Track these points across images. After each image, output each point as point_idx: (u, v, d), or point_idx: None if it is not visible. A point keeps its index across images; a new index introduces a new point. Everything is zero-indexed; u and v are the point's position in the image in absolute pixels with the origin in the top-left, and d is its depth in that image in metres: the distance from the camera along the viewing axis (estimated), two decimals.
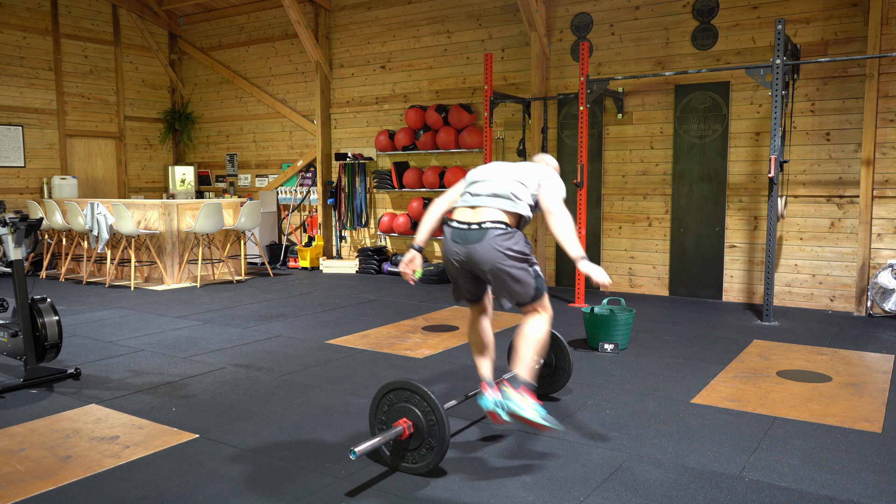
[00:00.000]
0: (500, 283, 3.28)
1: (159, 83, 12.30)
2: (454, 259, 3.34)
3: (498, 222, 3.25)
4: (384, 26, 9.86)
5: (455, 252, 3.32)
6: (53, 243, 9.70)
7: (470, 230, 3.26)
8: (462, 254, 3.29)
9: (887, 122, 6.70)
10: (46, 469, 3.26)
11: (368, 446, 2.98)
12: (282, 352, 5.44)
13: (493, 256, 3.21)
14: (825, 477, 3.15)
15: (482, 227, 3.24)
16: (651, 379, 4.68)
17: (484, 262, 3.23)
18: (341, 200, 10.33)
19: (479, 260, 3.24)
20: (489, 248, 3.21)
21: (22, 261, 4.61)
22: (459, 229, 3.30)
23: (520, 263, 3.26)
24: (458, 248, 3.29)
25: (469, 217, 3.31)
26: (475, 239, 3.24)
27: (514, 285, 3.26)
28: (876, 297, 6.69)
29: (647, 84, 7.92)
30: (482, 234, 3.22)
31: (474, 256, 3.25)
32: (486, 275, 3.30)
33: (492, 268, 3.23)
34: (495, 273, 3.25)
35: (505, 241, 3.22)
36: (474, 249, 3.24)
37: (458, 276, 3.44)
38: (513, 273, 3.24)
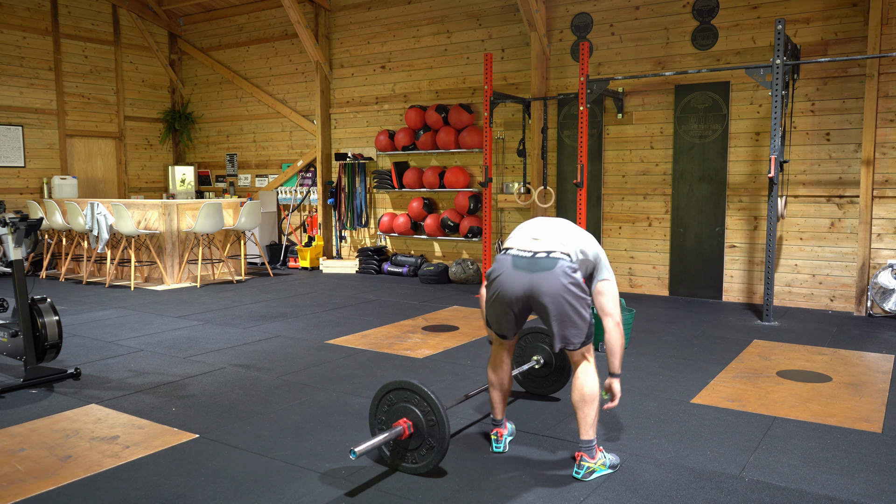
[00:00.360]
0: (559, 317, 3.09)
1: (159, 83, 12.30)
2: (513, 288, 3.13)
3: (565, 254, 3.10)
4: (384, 26, 9.86)
5: (516, 280, 3.12)
6: (53, 243, 9.70)
7: (536, 258, 3.10)
8: (525, 282, 3.10)
9: (887, 122, 6.70)
10: (46, 469, 3.26)
11: (368, 446, 2.98)
12: (282, 352, 5.44)
13: (560, 287, 3.05)
14: (825, 477, 3.15)
15: (550, 255, 3.09)
16: (651, 379, 4.68)
17: (550, 292, 3.06)
18: (341, 200, 10.33)
19: (544, 289, 3.07)
20: (558, 277, 3.04)
21: (22, 261, 4.61)
22: (523, 257, 3.13)
23: (580, 302, 3.10)
24: (522, 276, 3.11)
25: (533, 246, 3.15)
26: (544, 267, 3.07)
27: (573, 322, 3.09)
28: (876, 297, 6.69)
29: (647, 84, 7.92)
30: (552, 263, 3.06)
31: (540, 285, 3.07)
32: (545, 307, 3.10)
33: (556, 299, 3.06)
34: (558, 305, 3.07)
35: (573, 273, 3.08)
36: (541, 277, 3.06)
37: (507, 309, 3.23)
38: (577, 308, 3.08)
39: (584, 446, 3.17)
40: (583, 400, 3.15)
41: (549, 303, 3.07)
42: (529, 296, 3.12)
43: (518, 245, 3.19)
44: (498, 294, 3.20)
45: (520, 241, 3.22)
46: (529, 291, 3.11)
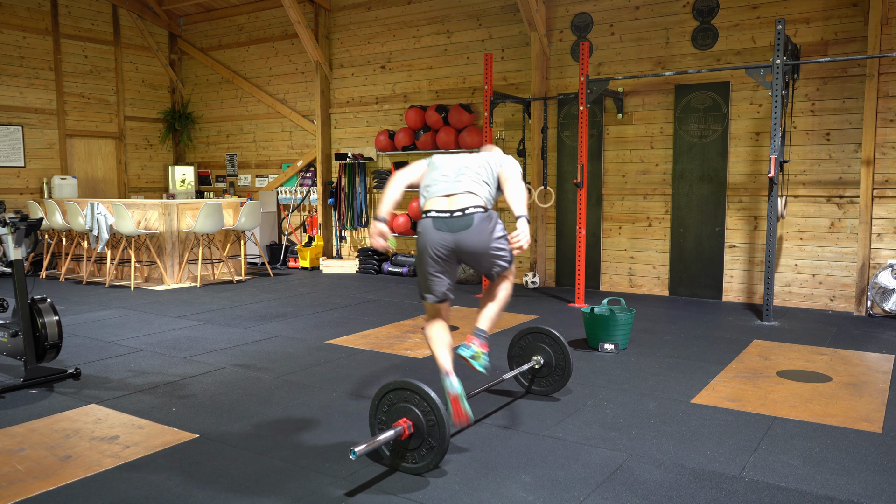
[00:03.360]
0: (488, 261, 3.46)
1: (159, 83, 12.30)
2: (440, 248, 3.39)
3: (478, 206, 3.40)
4: (384, 26, 9.86)
5: (440, 241, 3.38)
6: (53, 243, 9.70)
7: (454, 217, 3.37)
8: (450, 241, 3.38)
9: (887, 122, 6.70)
10: (46, 469, 3.26)
11: (368, 446, 2.98)
12: (282, 352, 5.44)
13: (483, 240, 3.37)
14: (825, 477, 3.15)
15: (466, 213, 3.36)
16: (651, 379, 4.68)
17: (475, 246, 3.38)
18: (341, 200, 10.33)
19: (469, 245, 3.37)
20: (478, 232, 3.36)
21: (22, 261, 4.61)
22: (442, 218, 3.38)
23: (501, 240, 3.45)
24: (445, 237, 3.37)
25: (448, 205, 3.41)
26: (463, 226, 3.35)
27: (500, 261, 3.47)
28: (876, 297, 6.69)
29: (647, 84, 7.92)
30: (469, 221, 3.35)
31: (464, 242, 3.37)
32: (473, 258, 3.44)
33: (483, 251, 3.40)
34: (486, 255, 3.42)
35: (489, 223, 3.40)
36: (464, 236, 3.36)
37: (439, 269, 3.45)
38: (499, 248, 3.44)
39: (480, 334, 3.50)
40: (496, 300, 3.58)
41: (477, 255, 3.42)
42: (457, 252, 3.42)
43: (435, 207, 3.43)
44: (425, 258, 3.45)
45: (434, 200, 3.46)
46: (456, 248, 3.40)
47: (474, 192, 3.44)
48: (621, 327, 5.38)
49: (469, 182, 3.46)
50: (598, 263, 8.33)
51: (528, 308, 7.22)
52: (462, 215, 3.36)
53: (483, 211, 3.40)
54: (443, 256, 3.43)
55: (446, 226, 3.37)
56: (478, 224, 3.35)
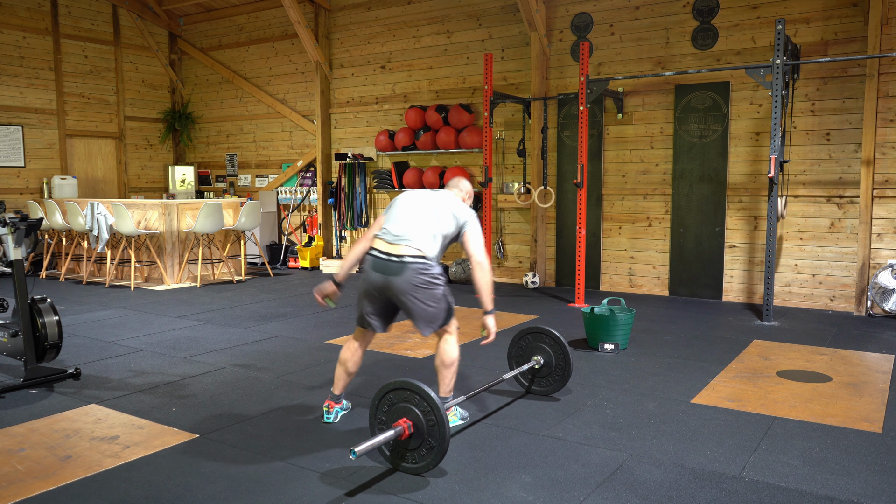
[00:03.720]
0: (416, 312, 3.50)
1: (159, 83, 12.30)
2: (373, 288, 3.54)
3: (418, 256, 3.47)
4: (384, 26, 9.86)
5: (374, 281, 3.53)
6: (53, 243, 9.70)
7: (390, 262, 3.47)
8: (381, 283, 3.50)
9: (887, 122, 6.70)
10: (46, 469, 3.26)
11: (368, 446, 2.98)
12: (282, 352, 5.44)
13: (409, 290, 3.45)
14: (825, 477, 3.15)
15: (402, 260, 3.45)
16: (651, 379, 4.68)
17: (402, 293, 3.46)
18: (341, 200, 10.33)
19: (397, 291, 3.47)
20: (407, 281, 3.44)
21: (22, 261, 4.61)
22: (379, 259, 3.51)
23: (434, 296, 3.49)
24: (378, 278, 3.51)
25: (389, 249, 3.51)
26: (395, 272, 3.45)
27: (428, 314, 3.51)
28: (876, 297, 6.69)
29: (647, 84, 7.92)
30: (402, 268, 3.44)
31: (392, 287, 3.47)
32: (403, 306, 3.53)
33: (411, 300, 3.47)
34: (412, 303, 3.48)
35: (422, 275, 3.45)
36: (393, 281, 3.46)
37: (372, 303, 3.61)
38: (427, 302, 3.49)
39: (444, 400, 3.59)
40: (443, 364, 3.63)
41: (404, 302, 3.50)
42: (387, 295, 3.53)
43: (378, 247, 3.55)
44: (364, 290, 3.61)
45: (382, 243, 3.56)
46: (386, 292, 3.52)
47: (421, 243, 3.50)
48: (621, 327, 5.38)
49: (420, 233, 3.52)
50: (598, 263, 8.33)
51: (528, 308, 7.22)
52: (398, 262, 3.45)
53: (421, 262, 3.46)
54: (375, 296, 3.57)
55: (382, 268, 3.49)
56: (410, 274, 3.43)
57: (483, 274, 3.58)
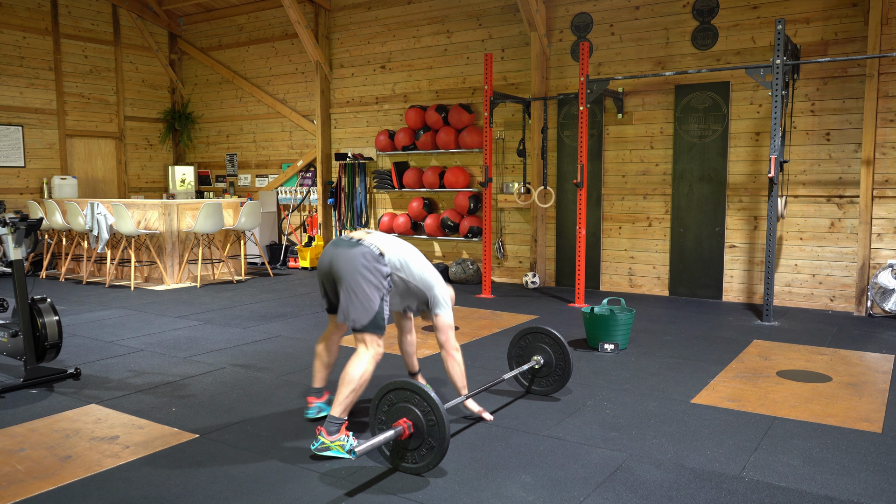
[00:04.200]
0: (346, 292, 3.38)
1: (159, 83, 12.30)
2: (323, 261, 3.54)
3: (375, 246, 3.44)
4: (384, 26, 9.86)
5: (324, 257, 3.53)
6: (53, 243, 9.70)
7: (346, 240, 3.49)
8: (329, 257, 3.48)
9: (887, 122, 6.70)
10: (46, 469, 3.26)
11: (368, 446, 2.98)
12: (282, 352, 5.44)
13: (348, 266, 3.36)
14: (825, 477, 3.15)
15: (360, 242, 3.44)
16: (651, 379, 4.68)
17: (343, 266, 3.39)
18: (341, 200, 10.33)
19: (339, 264, 3.40)
20: (350, 257, 3.38)
21: (22, 261, 4.61)
22: (340, 238, 3.54)
23: (369, 286, 3.36)
24: (329, 252, 3.50)
25: (356, 234, 3.55)
26: (345, 245, 3.44)
27: (359, 301, 3.35)
28: (876, 297, 6.69)
29: (647, 84, 7.92)
30: (353, 244, 3.43)
31: (338, 259, 3.42)
32: (339, 280, 3.42)
33: (347, 274, 3.37)
34: (347, 280, 3.37)
35: (368, 259, 3.38)
36: (340, 253, 3.42)
37: (322, 281, 3.61)
38: (363, 288, 3.35)
39: (328, 421, 3.34)
40: (343, 380, 3.37)
41: (341, 276, 3.39)
42: (331, 268, 3.46)
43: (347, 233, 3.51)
44: (318, 268, 3.61)
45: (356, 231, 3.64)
46: (330, 265, 3.46)
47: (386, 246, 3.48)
48: (621, 327, 5.38)
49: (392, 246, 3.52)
50: (598, 263, 8.34)
51: (528, 308, 7.22)
52: (355, 241, 3.45)
53: (375, 250, 3.41)
54: (323, 273, 3.55)
55: (336, 243, 3.51)
56: (357, 251, 3.38)
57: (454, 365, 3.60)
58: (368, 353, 3.39)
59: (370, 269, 3.37)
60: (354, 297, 3.36)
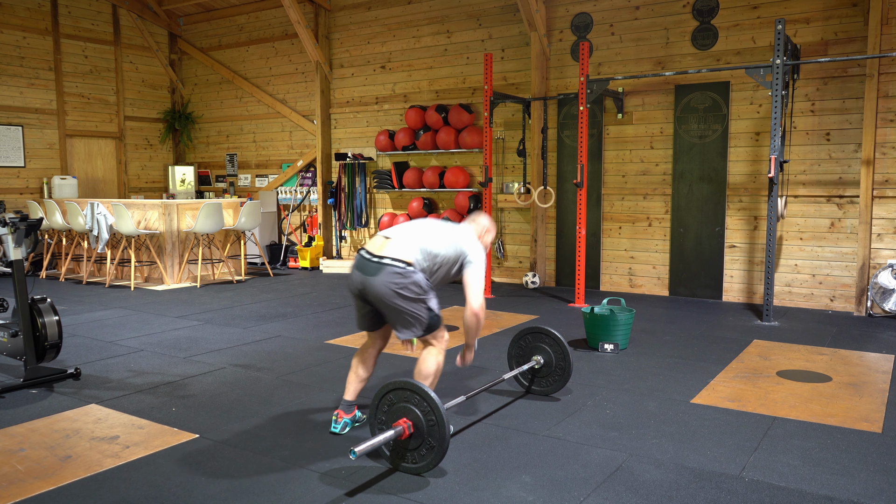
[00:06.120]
0: (390, 316, 3.43)
1: (159, 83, 12.30)
2: (354, 288, 3.50)
3: (398, 260, 3.38)
4: (384, 26, 9.86)
5: (354, 280, 3.48)
6: (53, 243, 9.70)
7: (370, 262, 3.41)
8: (359, 283, 3.45)
9: (887, 122, 6.70)
10: (46, 469, 3.26)
11: (368, 446, 2.98)
12: (282, 352, 5.44)
13: (383, 293, 3.35)
14: (825, 477, 3.15)
15: (382, 261, 3.38)
16: (651, 379, 4.68)
17: (377, 295, 3.38)
18: (341, 200, 10.33)
19: (372, 293, 3.39)
20: (381, 284, 3.35)
21: (22, 261, 4.61)
22: (363, 258, 3.46)
23: (411, 302, 3.37)
24: (357, 278, 3.45)
25: (375, 249, 3.47)
26: (372, 272, 3.38)
27: (405, 320, 3.41)
28: (876, 297, 6.69)
29: (647, 84, 7.92)
30: (379, 269, 3.37)
31: (368, 289, 3.40)
32: (380, 308, 3.44)
33: (384, 303, 3.38)
34: (385, 307, 3.40)
35: (398, 279, 3.34)
36: (369, 282, 3.39)
37: (358, 306, 3.58)
38: (403, 310, 3.38)
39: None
40: (419, 374, 3.50)
41: (380, 303, 3.40)
42: (365, 295, 3.45)
43: (367, 245, 3.53)
44: (350, 292, 3.57)
45: (373, 240, 3.55)
46: (364, 292, 3.45)
47: (406, 249, 3.42)
48: (621, 327, 5.38)
49: (410, 242, 3.45)
50: (598, 263, 8.33)
51: (528, 308, 7.22)
52: (377, 262, 3.39)
53: (400, 267, 3.35)
54: (356, 296, 3.52)
55: (361, 266, 3.44)
56: (385, 275, 3.34)
57: (472, 319, 3.48)
58: (437, 349, 3.52)
59: (406, 288, 3.35)
60: (401, 316, 3.39)
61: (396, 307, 3.36)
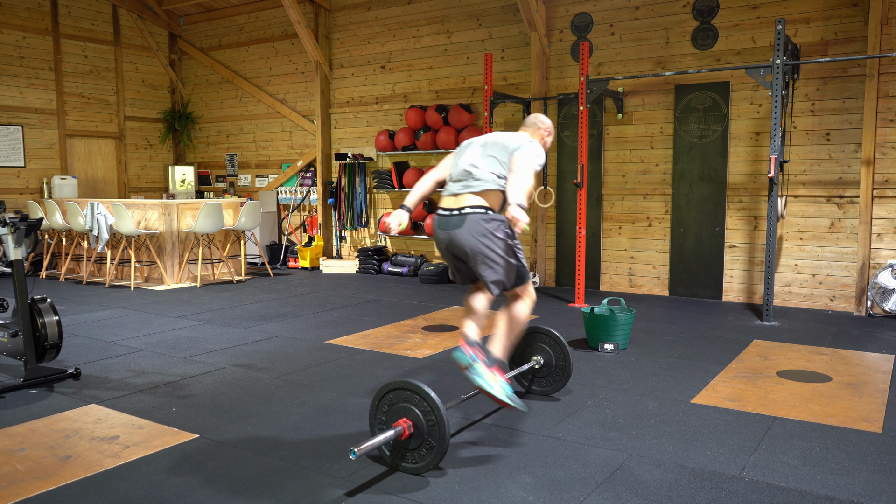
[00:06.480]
0: (483, 266, 3.40)
1: (159, 83, 12.30)
2: (441, 245, 3.54)
3: (477, 207, 3.39)
4: (384, 26, 9.86)
5: (440, 239, 3.52)
6: (53, 243, 9.70)
7: (451, 216, 3.44)
8: (445, 239, 3.48)
9: (887, 122, 6.70)
10: (46, 469, 3.26)
11: (368, 446, 2.98)
12: (282, 352, 5.44)
13: (472, 241, 3.37)
14: (825, 477, 3.15)
15: (462, 212, 3.41)
16: (651, 379, 4.68)
17: (465, 245, 3.39)
18: (341, 200, 10.33)
19: (460, 244, 3.40)
20: (468, 233, 3.37)
21: (22, 261, 4.61)
22: (443, 216, 3.49)
23: (499, 248, 3.39)
24: (443, 235, 3.49)
25: (451, 204, 3.48)
26: (455, 225, 3.41)
27: (495, 268, 3.40)
28: (876, 297, 6.69)
29: (647, 84, 7.92)
30: (462, 220, 3.40)
31: (455, 241, 3.42)
32: (467, 259, 3.44)
33: (472, 251, 3.38)
34: (477, 256, 3.39)
35: (484, 224, 3.36)
36: (455, 235, 3.41)
37: (450, 260, 3.59)
38: (492, 256, 3.37)
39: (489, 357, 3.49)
40: (505, 319, 3.58)
41: (468, 256, 3.42)
42: (453, 249, 3.48)
43: (442, 204, 3.54)
44: (439, 251, 3.62)
45: (444, 199, 3.56)
46: (451, 246, 3.48)
47: (479, 192, 3.42)
48: (621, 327, 5.38)
49: (477, 181, 3.44)
50: (598, 263, 8.34)
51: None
52: (458, 214, 3.41)
53: (482, 212, 3.38)
54: (444, 253, 3.56)
55: (444, 223, 3.47)
56: (469, 224, 3.36)
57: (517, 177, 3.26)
58: (527, 301, 3.58)
59: (490, 236, 3.35)
60: (490, 268, 3.38)
61: (484, 253, 3.36)
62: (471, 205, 3.40)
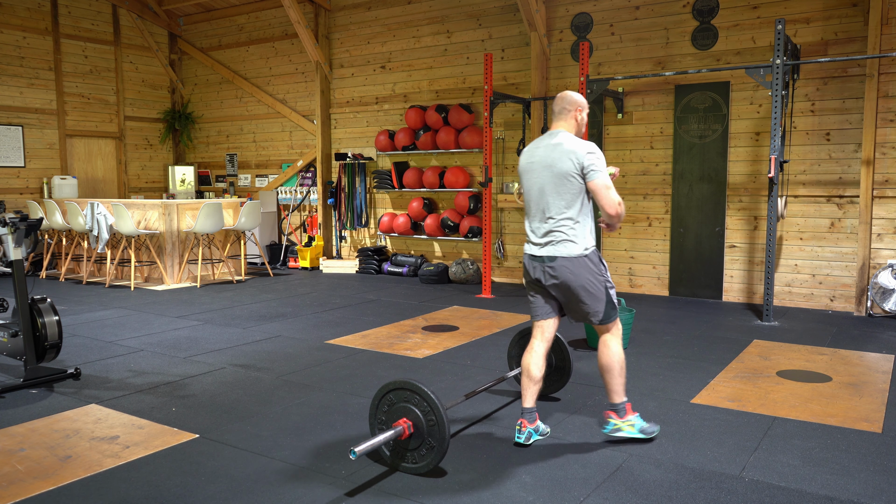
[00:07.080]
0: (572, 307, 3.52)
1: (159, 83, 12.30)
2: (531, 278, 3.57)
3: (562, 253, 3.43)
4: (384, 26, 9.86)
5: (530, 275, 3.58)
6: (53, 243, 9.70)
7: (541, 256, 3.50)
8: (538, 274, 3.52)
9: (887, 122, 6.70)
10: (46, 469, 3.26)
11: (368, 446, 2.98)
12: (282, 352, 5.44)
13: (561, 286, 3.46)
14: (825, 477, 3.15)
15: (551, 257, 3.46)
16: (651, 379, 4.68)
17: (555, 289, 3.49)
18: (341, 200, 10.33)
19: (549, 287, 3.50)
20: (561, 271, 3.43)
21: (22, 261, 4.61)
22: (532, 254, 3.54)
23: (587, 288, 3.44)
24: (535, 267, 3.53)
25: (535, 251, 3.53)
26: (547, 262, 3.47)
27: (583, 309, 3.48)
28: (876, 297, 6.69)
29: (647, 84, 7.92)
30: (552, 259, 3.46)
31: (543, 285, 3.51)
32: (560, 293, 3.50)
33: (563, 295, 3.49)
34: (567, 299, 3.50)
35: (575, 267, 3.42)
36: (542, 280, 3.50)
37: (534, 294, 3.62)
38: (581, 299, 3.45)
39: (611, 407, 3.56)
40: (603, 369, 3.54)
41: (560, 291, 3.49)
42: (544, 285, 3.52)
43: (530, 239, 3.58)
44: (525, 282, 3.68)
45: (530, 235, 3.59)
46: (543, 281, 3.51)
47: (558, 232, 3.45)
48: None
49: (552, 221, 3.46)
50: None
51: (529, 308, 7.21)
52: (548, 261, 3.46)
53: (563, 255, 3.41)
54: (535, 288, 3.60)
55: (531, 268, 3.55)
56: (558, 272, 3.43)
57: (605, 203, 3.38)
58: (614, 338, 3.55)
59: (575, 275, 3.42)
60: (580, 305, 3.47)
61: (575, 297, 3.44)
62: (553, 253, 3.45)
